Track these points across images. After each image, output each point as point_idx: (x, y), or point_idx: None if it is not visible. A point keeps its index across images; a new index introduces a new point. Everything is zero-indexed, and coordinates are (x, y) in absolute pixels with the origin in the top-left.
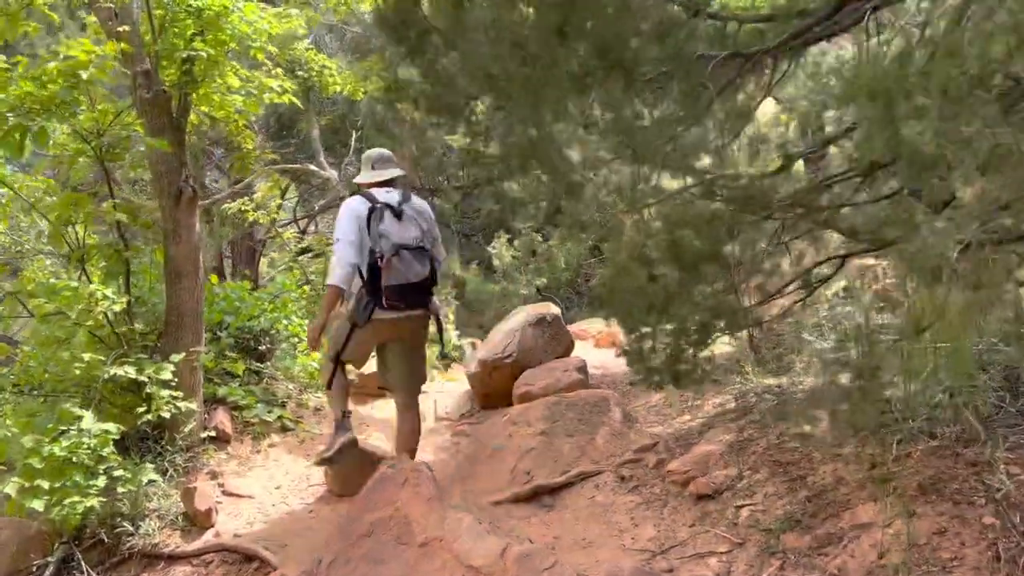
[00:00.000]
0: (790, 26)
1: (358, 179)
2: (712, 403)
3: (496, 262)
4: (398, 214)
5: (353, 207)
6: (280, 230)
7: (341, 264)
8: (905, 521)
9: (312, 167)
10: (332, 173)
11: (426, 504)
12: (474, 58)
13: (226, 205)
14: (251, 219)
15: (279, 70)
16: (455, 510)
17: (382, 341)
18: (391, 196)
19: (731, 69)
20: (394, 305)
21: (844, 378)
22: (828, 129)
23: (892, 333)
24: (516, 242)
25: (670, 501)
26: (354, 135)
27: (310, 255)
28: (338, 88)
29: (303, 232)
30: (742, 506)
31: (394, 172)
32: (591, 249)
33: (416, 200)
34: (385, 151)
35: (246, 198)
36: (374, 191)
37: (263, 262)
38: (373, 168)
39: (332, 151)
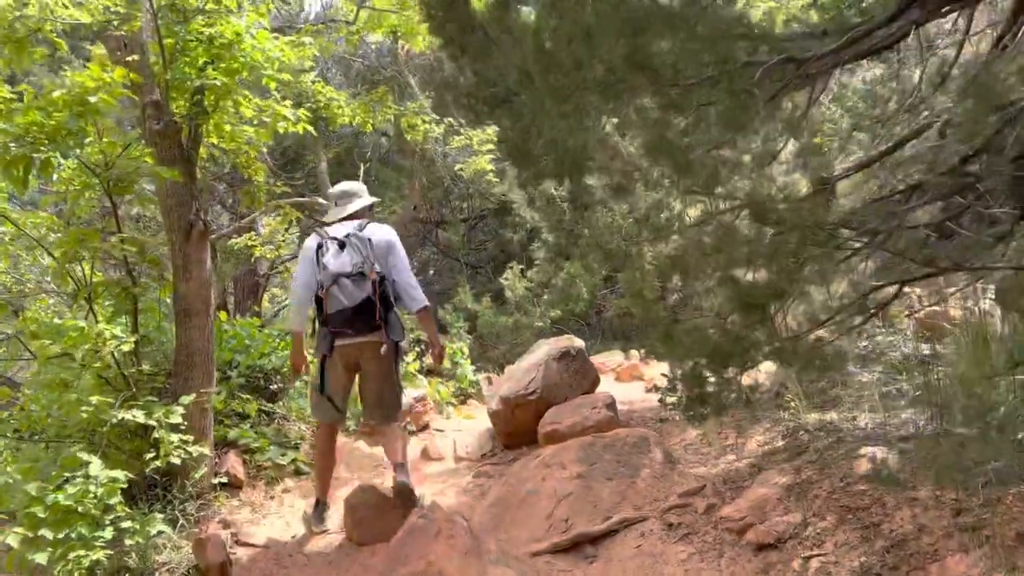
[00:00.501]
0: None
1: (325, 218)
2: (756, 441)
3: (508, 294)
4: (342, 244)
5: (306, 246)
6: (288, 264)
7: (293, 307)
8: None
9: (320, 200)
10: None
11: (462, 558)
12: (513, 57)
13: (232, 240)
14: (258, 254)
15: (287, 102)
16: (495, 565)
17: (351, 369)
18: (345, 228)
19: (776, 80)
20: (342, 332)
21: (906, 415)
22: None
23: (943, 364)
24: (529, 273)
25: (726, 551)
26: (362, 167)
27: None
28: (346, 120)
29: None
30: (810, 557)
31: (355, 206)
32: (604, 280)
33: (372, 228)
34: (349, 185)
35: (252, 233)
36: (335, 227)
37: (264, 298)
38: (336, 205)
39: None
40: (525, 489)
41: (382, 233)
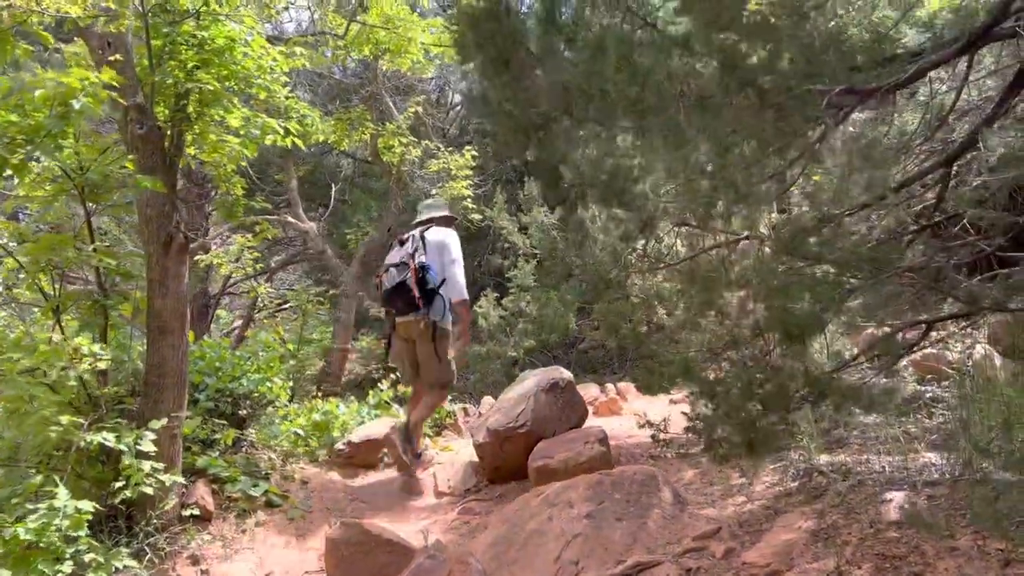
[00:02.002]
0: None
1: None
2: (764, 482)
3: (482, 322)
4: (402, 242)
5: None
6: (255, 284)
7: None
8: None
9: (289, 219)
10: (310, 225)
11: None
12: (570, 75)
13: (197, 258)
14: (225, 272)
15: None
16: None
17: (403, 343)
18: (413, 232)
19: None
20: (388, 309)
21: (926, 458)
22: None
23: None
24: (504, 301)
25: None
26: (333, 188)
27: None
28: (321, 138)
29: (270, 283)
30: None
31: (424, 215)
32: (578, 311)
33: (433, 231)
34: (431, 199)
35: (218, 250)
36: (412, 230)
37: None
38: (418, 214)
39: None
40: (528, 528)
41: (436, 234)
